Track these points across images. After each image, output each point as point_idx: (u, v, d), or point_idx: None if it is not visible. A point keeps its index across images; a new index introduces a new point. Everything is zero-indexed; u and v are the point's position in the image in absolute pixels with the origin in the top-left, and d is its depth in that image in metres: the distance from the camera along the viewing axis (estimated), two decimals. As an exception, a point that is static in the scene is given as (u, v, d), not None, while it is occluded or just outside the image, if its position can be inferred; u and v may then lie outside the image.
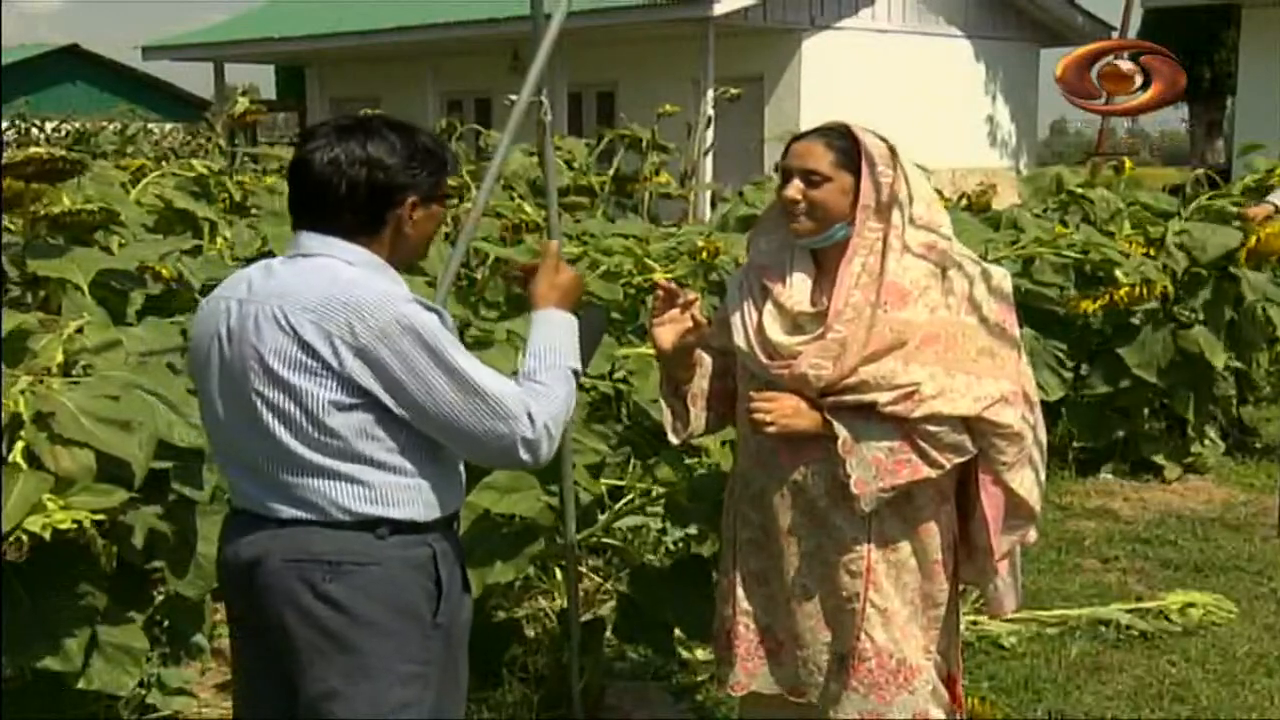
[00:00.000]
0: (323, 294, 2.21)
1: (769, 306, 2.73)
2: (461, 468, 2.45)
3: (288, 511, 2.27)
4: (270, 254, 4.43)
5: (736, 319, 2.78)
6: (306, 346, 2.20)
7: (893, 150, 2.69)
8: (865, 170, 2.65)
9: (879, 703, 2.73)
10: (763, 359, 2.71)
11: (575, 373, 2.41)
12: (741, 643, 2.88)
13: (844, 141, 2.68)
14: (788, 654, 2.85)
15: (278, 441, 2.24)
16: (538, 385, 2.34)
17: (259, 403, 2.24)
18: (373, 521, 2.27)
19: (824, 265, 2.73)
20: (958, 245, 2.72)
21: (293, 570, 2.26)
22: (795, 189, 2.67)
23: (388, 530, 2.27)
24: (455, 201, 2.32)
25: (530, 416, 2.27)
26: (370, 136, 2.30)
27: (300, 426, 2.23)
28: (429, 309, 2.27)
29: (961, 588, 2.97)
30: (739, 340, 2.76)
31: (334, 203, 2.28)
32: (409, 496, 2.29)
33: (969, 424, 2.65)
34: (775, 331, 2.70)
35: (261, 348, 2.23)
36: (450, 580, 2.36)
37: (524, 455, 2.28)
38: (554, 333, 2.44)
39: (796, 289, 2.72)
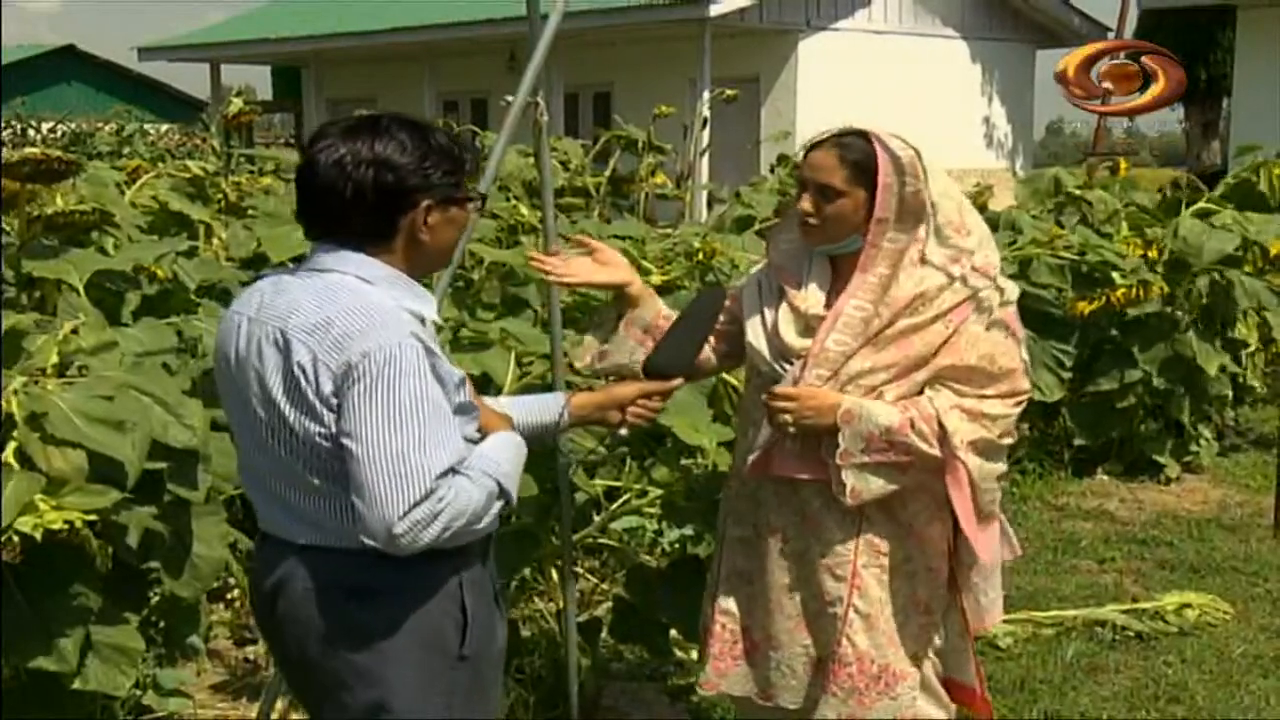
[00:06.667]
0: (323, 316, 2.06)
1: (784, 308, 2.72)
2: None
3: (306, 536, 2.15)
4: (264, 256, 4.43)
5: (756, 319, 2.77)
6: (298, 372, 2.06)
7: (919, 156, 2.61)
8: (881, 184, 2.60)
9: (858, 707, 2.72)
10: (769, 358, 2.71)
11: (505, 493, 2.17)
12: (716, 641, 2.88)
13: (861, 154, 2.61)
14: (761, 655, 2.84)
15: (286, 464, 2.13)
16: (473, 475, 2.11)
17: (262, 426, 2.13)
18: None
19: (840, 271, 2.71)
20: (982, 257, 2.65)
21: (314, 598, 2.15)
22: (809, 202, 2.65)
23: (411, 557, 2.07)
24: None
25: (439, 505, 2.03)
26: (379, 135, 2.12)
27: (304, 452, 2.10)
28: (427, 350, 2.08)
29: None
30: (751, 338, 2.75)
31: (341, 208, 2.11)
32: None
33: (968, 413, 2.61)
34: (789, 333, 2.69)
35: (262, 370, 2.11)
36: (478, 610, 2.21)
37: (381, 541, 2.02)
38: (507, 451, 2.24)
39: (812, 294, 2.71)
